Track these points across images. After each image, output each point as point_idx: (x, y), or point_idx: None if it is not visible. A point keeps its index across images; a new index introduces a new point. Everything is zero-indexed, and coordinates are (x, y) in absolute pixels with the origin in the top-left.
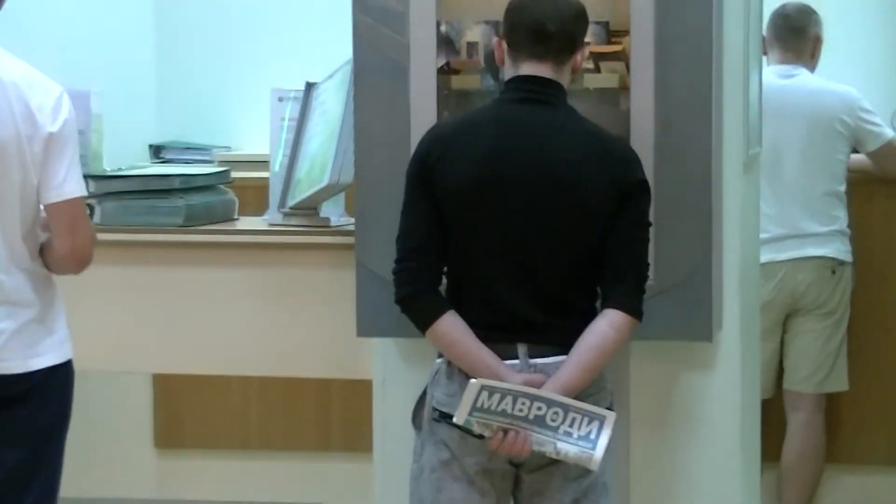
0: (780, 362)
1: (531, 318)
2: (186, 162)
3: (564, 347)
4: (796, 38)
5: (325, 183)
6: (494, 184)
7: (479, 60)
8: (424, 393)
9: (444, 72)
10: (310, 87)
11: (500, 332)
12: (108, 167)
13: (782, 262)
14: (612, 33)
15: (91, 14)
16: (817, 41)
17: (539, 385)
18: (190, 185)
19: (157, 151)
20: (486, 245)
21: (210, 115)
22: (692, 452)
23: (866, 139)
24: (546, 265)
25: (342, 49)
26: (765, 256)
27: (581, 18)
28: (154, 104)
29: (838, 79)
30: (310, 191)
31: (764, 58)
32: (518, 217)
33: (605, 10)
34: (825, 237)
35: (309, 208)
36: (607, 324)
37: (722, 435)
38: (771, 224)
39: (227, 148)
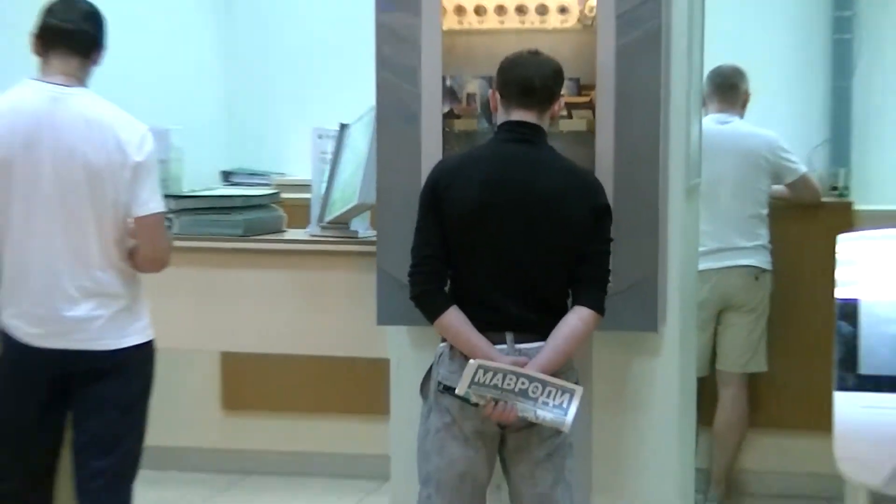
0: (714, 348)
1: (516, 313)
2: (249, 185)
3: (543, 336)
4: (730, 92)
5: (354, 203)
6: (491, 207)
7: (476, 107)
8: (430, 370)
9: (449, 116)
10: (343, 127)
11: (492, 324)
12: (186, 189)
13: (717, 269)
14: (582, 87)
15: (172, 64)
16: (746, 95)
17: (523, 365)
18: (248, 204)
19: (226, 176)
20: (482, 256)
21: (267, 148)
22: (641, 420)
23: (784, 173)
24: (529, 272)
25: (368, 96)
26: (703, 265)
27: (559, 76)
28: (225, 138)
29: (763, 124)
30: (342, 209)
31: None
32: (509, 234)
33: (577, 69)
34: (750, 250)
35: (341, 223)
36: (577, 318)
37: (664, 406)
38: (708, 239)
39: (281, 174)
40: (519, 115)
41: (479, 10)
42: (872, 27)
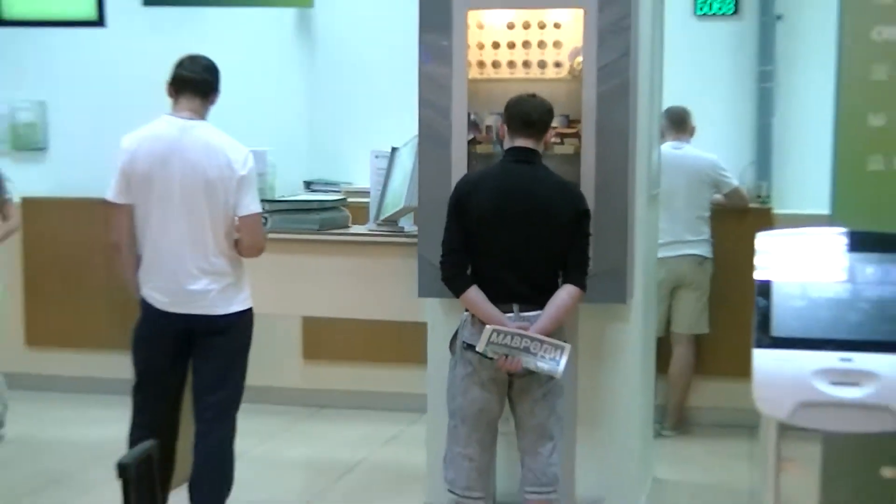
0: (669, 316)
1: (521, 291)
2: (324, 191)
3: (540, 307)
4: (681, 126)
5: (401, 206)
6: (503, 211)
7: (493, 136)
8: (456, 332)
9: (472, 143)
10: (394, 150)
11: (502, 298)
12: (278, 195)
13: (671, 257)
14: (571, 122)
15: (267, 101)
16: (693, 128)
17: (526, 328)
18: (322, 206)
19: (308, 185)
20: (495, 247)
21: (338, 163)
22: (614, 369)
23: (722, 186)
24: (530, 260)
25: (412, 125)
26: (660, 254)
27: (551, 113)
28: (306, 157)
29: (706, 149)
30: (392, 210)
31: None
32: (515, 231)
33: (568, 108)
34: (696, 243)
35: (392, 221)
36: (566, 293)
37: (631, 359)
38: (665, 235)
39: (348, 183)
40: (521, 142)
41: (496, 64)
42: (787, 79)
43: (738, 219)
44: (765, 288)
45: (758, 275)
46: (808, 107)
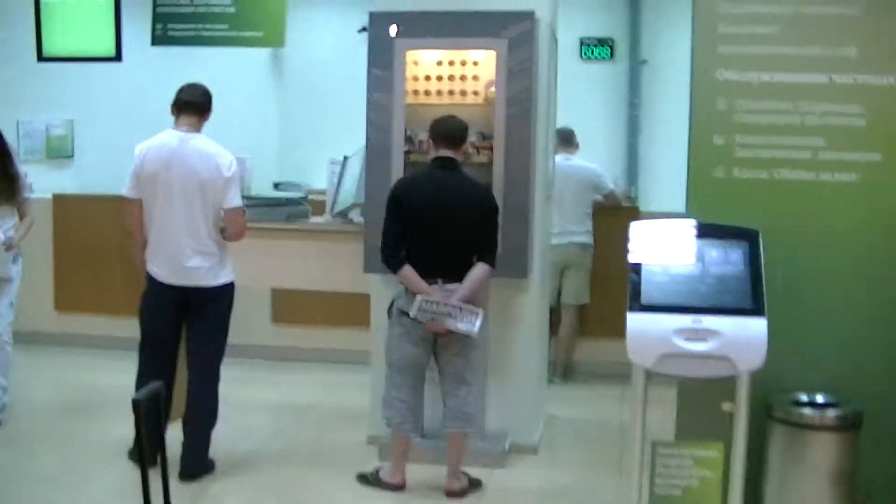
0: (560, 290)
1: (444, 268)
2: (291, 190)
3: (459, 280)
4: (569, 142)
5: (352, 202)
6: (430, 207)
7: (424, 149)
8: (393, 301)
9: (407, 153)
10: (345, 158)
11: (430, 274)
12: (254, 193)
13: (562, 244)
14: (485, 137)
15: (246, 117)
16: (577, 143)
17: (448, 298)
18: (288, 202)
19: (276, 185)
20: (425, 235)
21: (302, 167)
22: (517, 331)
23: (602, 189)
24: (452, 244)
25: (361, 139)
26: (553, 241)
27: (466, 130)
28: (276, 160)
29: (589, 160)
30: (345, 206)
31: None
32: (440, 222)
33: (483, 126)
34: (581, 233)
35: (344, 214)
36: (480, 269)
37: (531, 322)
38: (557, 227)
39: (309, 185)
40: (443, 152)
41: (427, 93)
42: (650, 108)
43: (615, 214)
44: (636, 266)
45: (631, 257)
46: (667, 129)
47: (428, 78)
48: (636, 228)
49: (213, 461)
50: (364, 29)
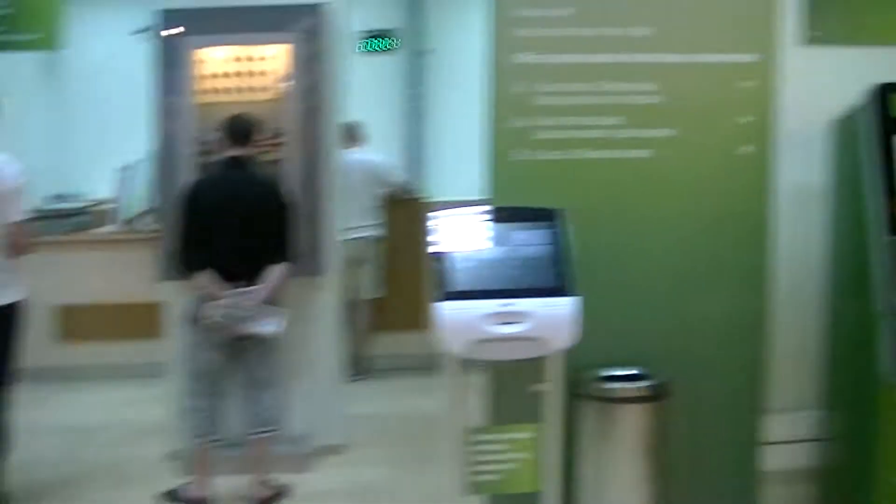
0: (355, 285)
1: (241, 270)
2: (73, 202)
3: (258, 282)
4: (354, 136)
5: (143, 209)
6: (223, 208)
7: (215, 149)
8: (191, 308)
9: (199, 154)
10: (132, 164)
11: (228, 276)
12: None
13: (354, 238)
14: (277, 134)
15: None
16: (364, 136)
17: (247, 301)
18: (72, 213)
19: (57, 197)
20: (220, 237)
21: (88, 178)
22: (315, 327)
23: (388, 181)
24: (246, 244)
25: (147, 144)
26: (349, 236)
27: (256, 127)
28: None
29: (376, 153)
30: (133, 213)
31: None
32: (234, 222)
33: (275, 120)
34: (373, 227)
35: (131, 222)
36: (278, 270)
37: (327, 319)
38: (350, 222)
39: (94, 194)
40: (234, 151)
41: (217, 91)
42: (437, 97)
43: (404, 206)
44: (439, 255)
45: (433, 246)
46: (452, 118)
47: (216, 76)
48: (435, 217)
49: (9, 494)
50: (141, 30)
